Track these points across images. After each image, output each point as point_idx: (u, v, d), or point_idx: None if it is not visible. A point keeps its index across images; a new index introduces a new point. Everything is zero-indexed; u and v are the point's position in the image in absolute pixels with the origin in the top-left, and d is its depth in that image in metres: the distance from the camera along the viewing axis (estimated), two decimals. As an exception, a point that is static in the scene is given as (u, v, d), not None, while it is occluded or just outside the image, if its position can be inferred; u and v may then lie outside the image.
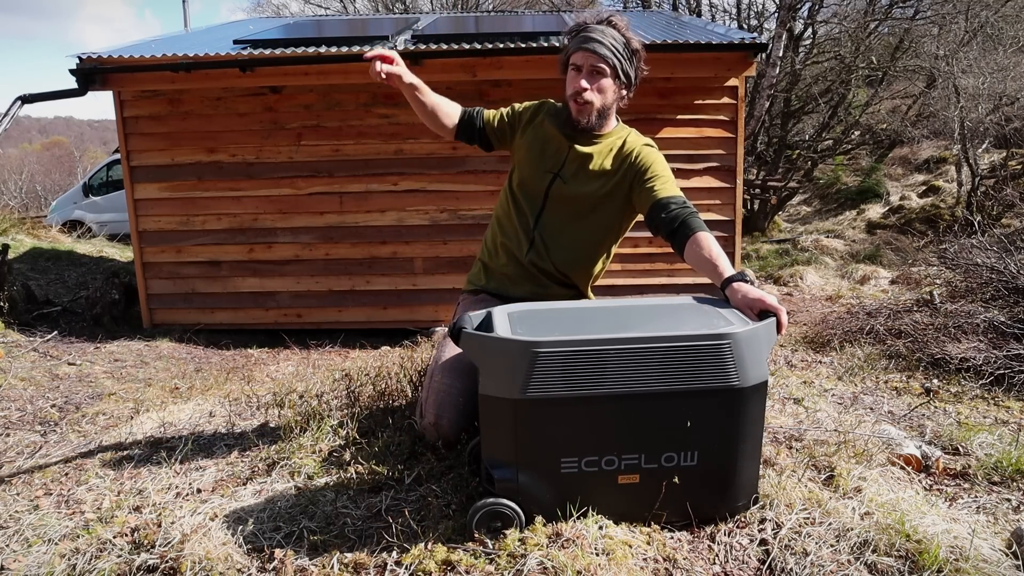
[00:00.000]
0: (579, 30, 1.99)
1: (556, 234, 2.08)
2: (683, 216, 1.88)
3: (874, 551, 1.45)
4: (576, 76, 1.98)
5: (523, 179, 2.12)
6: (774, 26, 11.49)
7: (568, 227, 2.08)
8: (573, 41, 1.99)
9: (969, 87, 9.34)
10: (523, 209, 2.12)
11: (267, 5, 20.39)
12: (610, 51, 1.94)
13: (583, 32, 1.98)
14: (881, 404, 2.92)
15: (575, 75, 1.98)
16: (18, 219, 10.18)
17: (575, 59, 1.98)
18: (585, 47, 1.95)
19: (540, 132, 2.11)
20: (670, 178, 2.02)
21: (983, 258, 4.53)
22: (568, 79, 2.02)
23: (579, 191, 2.05)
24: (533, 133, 2.11)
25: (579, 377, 1.42)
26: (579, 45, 1.96)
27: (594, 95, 1.97)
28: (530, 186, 2.10)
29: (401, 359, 2.88)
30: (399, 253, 5.90)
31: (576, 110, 2.00)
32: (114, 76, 5.48)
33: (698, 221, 1.87)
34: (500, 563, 1.40)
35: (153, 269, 5.96)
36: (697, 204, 5.57)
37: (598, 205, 2.06)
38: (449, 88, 5.64)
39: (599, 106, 1.99)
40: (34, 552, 1.59)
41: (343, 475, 1.89)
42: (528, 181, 2.10)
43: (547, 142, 2.09)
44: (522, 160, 2.12)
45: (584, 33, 1.97)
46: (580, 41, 1.96)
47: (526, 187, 2.11)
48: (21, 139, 39.05)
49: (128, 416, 3.15)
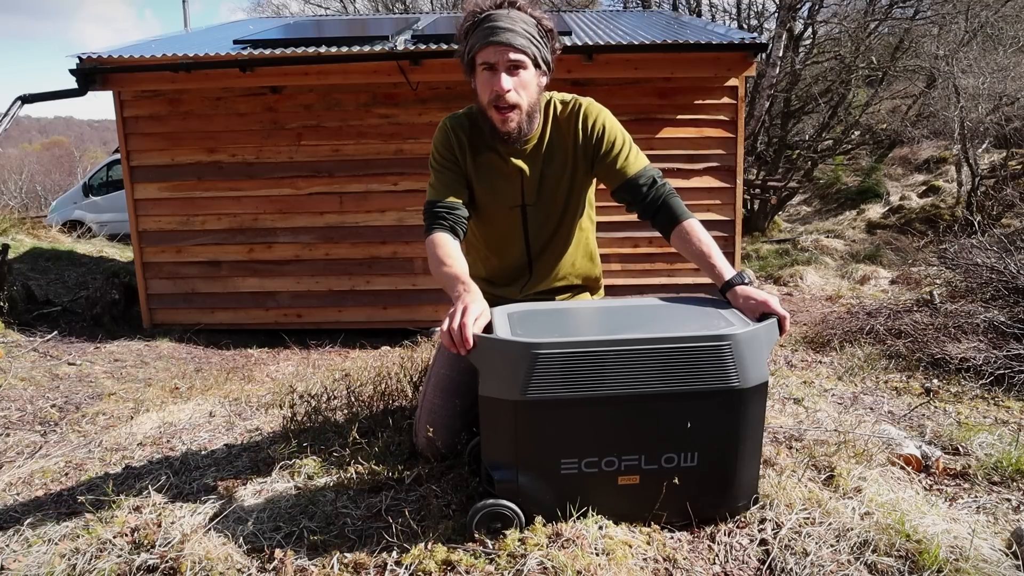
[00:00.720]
0: (479, 22, 1.68)
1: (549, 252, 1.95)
2: (662, 197, 1.76)
3: (874, 551, 1.45)
4: (491, 76, 1.67)
5: (493, 221, 1.90)
6: (774, 26, 11.51)
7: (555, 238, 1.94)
8: (475, 35, 1.68)
9: (969, 87, 9.34)
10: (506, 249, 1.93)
11: (267, 5, 20.41)
12: (525, 38, 1.66)
13: (487, 24, 1.66)
14: (881, 404, 2.92)
15: (489, 76, 1.68)
16: (18, 219, 10.19)
17: (484, 56, 1.67)
18: (495, 40, 1.64)
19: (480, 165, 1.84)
20: (629, 143, 1.82)
21: (983, 258, 4.53)
22: (480, 82, 1.71)
23: (550, 204, 1.88)
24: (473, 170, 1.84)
25: (579, 378, 1.42)
26: (486, 39, 1.65)
27: (518, 95, 1.68)
28: (503, 226, 1.90)
29: (401, 359, 2.88)
30: (399, 253, 5.90)
31: (500, 120, 1.70)
32: (114, 76, 5.49)
33: (679, 203, 1.76)
34: (500, 563, 1.40)
35: (153, 269, 5.96)
36: (697, 204, 5.70)
37: (569, 201, 1.89)
38: (449, 88, 5.65)
39: (527, 107, 1.71)
40: (34, 552, 1.59)
41: (343, 475, 1.89)
42: (499, 221, 1.89)
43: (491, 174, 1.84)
44: (479, 204, 1.88)
45: (489, 24, 1.65)
46: (486, 34, 1.65)
47: (499, 227, 1.90)
48: (21, 139, 39.03)
49: (128, 416, 3.16)
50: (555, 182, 1.86)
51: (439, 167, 1.83)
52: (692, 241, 1.72)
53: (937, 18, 10.97)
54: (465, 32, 1.72)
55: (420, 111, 5.70)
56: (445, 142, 1.83)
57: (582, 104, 1.83)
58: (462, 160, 1.83)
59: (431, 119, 5.69)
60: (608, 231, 5.26)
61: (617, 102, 5.67)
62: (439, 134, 1.85)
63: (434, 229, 1.76)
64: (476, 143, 1.83)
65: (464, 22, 1.72)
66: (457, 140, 1.82)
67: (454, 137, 1.83)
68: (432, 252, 1.72)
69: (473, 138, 1.83)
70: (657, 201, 1.77)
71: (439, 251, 1.70)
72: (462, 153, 1.83)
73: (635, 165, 1.80)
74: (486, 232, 1.94)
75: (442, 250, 1.70)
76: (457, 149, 1.83)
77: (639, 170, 1.80)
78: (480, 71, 1.70)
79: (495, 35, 1.65)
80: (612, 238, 5.53)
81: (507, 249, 1.94)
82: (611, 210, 1.96)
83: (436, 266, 1.70)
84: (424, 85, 5.60)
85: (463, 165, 1.83)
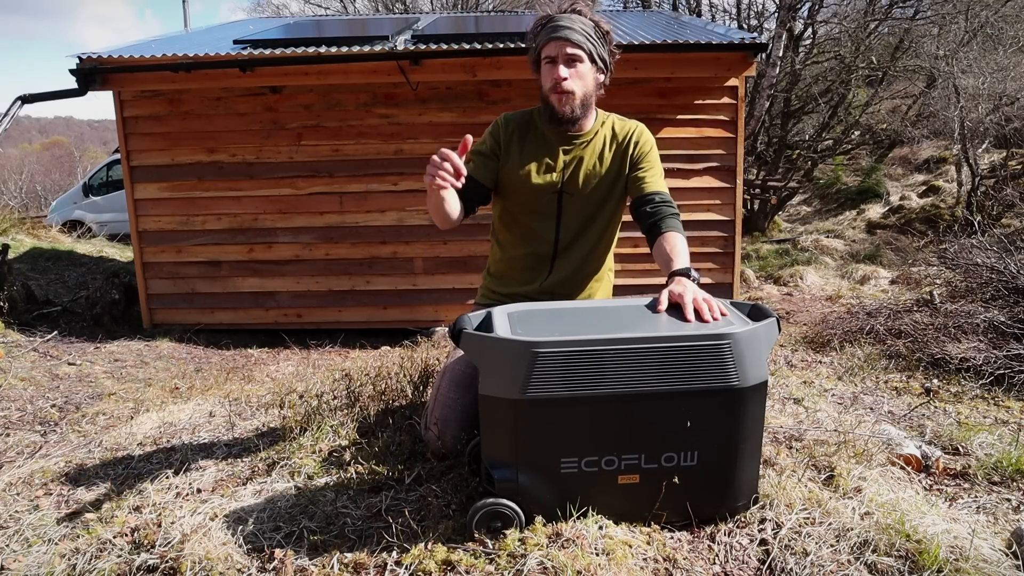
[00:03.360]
0: (544, 23, 1.93)
1: (574, 249, 2.04)
2: (662, 214, 1.92)
3: (874, 551, 1.45)
4: (552, 68, 1.91)
5: (526, 204, 2.02)
6: (774, 26, 11.50)
7: (581, 238, 2.04)
8: (541, 35, 1.93)
9: (969, 87, 9.33)
10: (535, 235, 2.04)
11: (267, 5, 20.38)
12: (582, 35, 1.89)
13: (550, 23, 1.91)
14: (881, 404, 2.92)
15: (550, 67, 1.91)
16: (18, 219, 10.19)
17: (547, 51, 1.91)
18: (556, 36, 1.88)
19: (526, 149, 2.01)
20: (659, 170, 2.03)
21: (983, 258, 4.53)
22: (543, 74, 1.95)
23: (587, 197, 2.01)
24: (518, 153, 2.01)
25: (579, 377, 1.42)
26: (549, 36, 1.90)
27: (574, 83, 1.90)
28: (537, 209, 2.02)
29: (401, 359, 2.88)
30: (399, 253, 5.90)
31: (558, 100, 1.91)
32: (114, 76, 5.49)
33: (674, 221, 1.91)
34: (500, 563, 1.40)
35: (153, 269, 5.96)
36: (697, 204, 5.69)
37: (603, 205, 2.04)
38: (449, 88, 5.65)
39: (581, 95, 1.92)
40: (34, 552, 1.59)
41: (343, 475, 1.89)
42: (534, 204, 2.02)
43: (537, 157, 2.00)
44: (518, 186, 2.01)
45: (552, 24, 1.90)
46: (549, 32, 1.90)
47: (534, 209, 2.02)
48: (21, 139, 39.05)
49: (128, 416, 3.15)
50: (597, 180, 2.01)
51: (475, 150, 2.01)
52: (664, 244, 1.85)
53: (937, 18, 10.96)
54: (534, 34, 1.96)
55: (420, 111, 5.70)
56: (493, 129, 2.05)
57: (639, 126, 2.07)
58: (507, 144, 2.01)
59: (431, 119, 5.69)
60: (608, 231, 5.25)
61: (617, 102, 5.63)
62: (492, 124, 2.06)
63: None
64: (526, 129, 2.03)
65: (533, 27, 1.97)
66: (506, 126, 2.03)
67: (503, 124, 2.04)
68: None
69: (524, 126, 2.03)
70: (657, 215, 1.93)
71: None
72: (508, 137, 2.02)
73: (653, 185, 1.99)
74: (520, 215, 2.05)
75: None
76: (503, 134, 2.02)
77: (657, 189, 1.98)
78: (544, 64, 1.94)
79: (556, 32, 1.89)
80: (612, 238, 5.53)
81: (536, 236, 2.04)
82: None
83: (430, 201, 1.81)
84: (424, 85, 5.60)
85: (508, 148, 2.01)
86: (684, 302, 1.57)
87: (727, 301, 1.65)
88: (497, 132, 2.03)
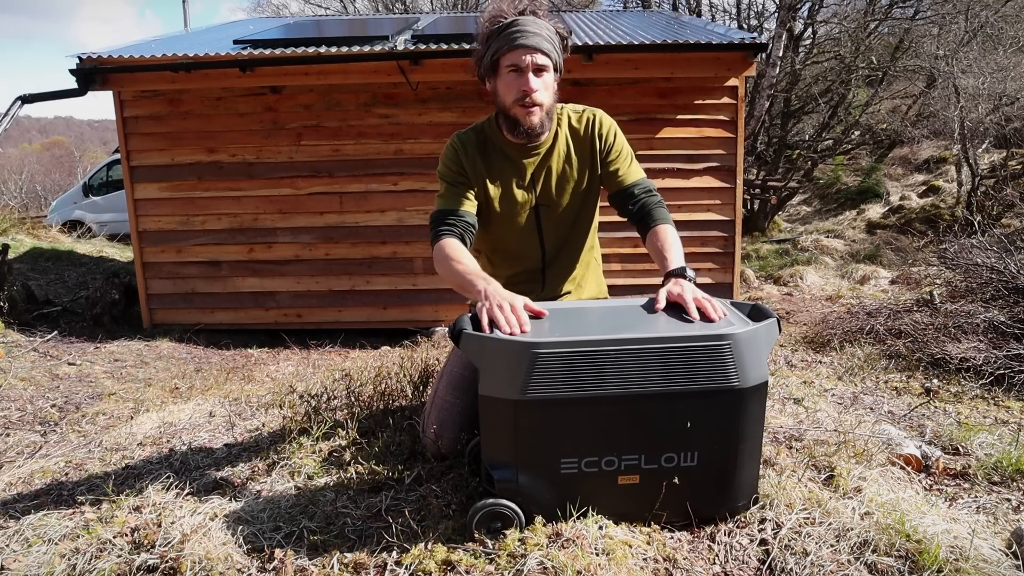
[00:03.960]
0: (505, 27, 1.77)
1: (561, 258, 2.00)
2: (648, 206, 1.88)
3: (874, 551, 1.45)
4: (518, 78, 1.77)
5: (505, 227, 1.94)
6: (774, 26, 11.50)
7: (567, 246, 2.00)
8: (500, 39, 1.77)
9: (969, 87, 9.33)
10: (520, 254, 1.98)
11: (267, 5, 20.38)
12: (549, 43, 1.77)
13: (513, 28, 1.75)
14: (881, 404, 2.92)
15: (515, 77, 1.77)
16: (18, 219, 10.19)
17: (510, 59, 1.76)
18: (523, 43, 1.74)
19: (492, 172, 1.89)
20: (629, 154, 1.95)
21: (983, 258, 4.53)
22: (504, 83, 1.80)
23: (564, 205, 1.94)
24: (485, 176, 1.89)
25: (579, 378, 1.42)
26: (513, 43, 1.75)
27: (543, 94, 1.78)
28: (518, 230, 1.94)
29: (401, 359, 2.88)
30: (399, 253, 5.90)
31: (525, 114, 1.79)
32: (114, 76, 5.49)
33: (661, 211, 1.87)
34: (500, 563, 1.40)
35: (153, 269, 5.96)
36: (697, 204, 5.70)
37: (582, 207, 1.97)
38: (449, 88, 5.65)
39: (548, 105, 1.81)
40: (34, 552, 1.59)
41: (343, 475, 1.89)
42: (514, 225, 1.93)
43: (503, 177, 1.90)
44: (493, 211, 1.92)
45: (516, 29, 1.75)
46: (513, 38, 1.75)
47: (515, 231, 1.94)
48: (21, 139, 39.04)
49: (128, 416, 3.16)
50: (570, 184, 1.93)
51: (448, 180, 1.89)
52: (656, 239, 1.81)
53: (937, 18, 10.96)
54: (487, 36, 1.81)
55: (420, 111, 5.70)
56: (453, 156, 1.90)
57: (596, 113, 1.95)
58: (472, 170, 1.88)
59: (431, 119, 5.69)
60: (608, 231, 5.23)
61: (617, 102, 5.69)
62: (447, 150, 1.92)
63: (442, 235, 1.81)
64: (486, 151, 1.91)
65: (487, 26, 1.80)
66: (465, 152, 1.89)
67: (462, 149, 1.89)
68: (442, 254, 1.76)
69: (482, 147, 1.91)
70: (646, 207, 1.88)
71: (449, 251, 1.75)
72: (472, 163, 1.89)
73: (633, 175, 1.93)
74: (501, 239, 1.98)
75: (452, 251, 1.75)
76: (466, 161, 1.88)
77: (636, 180, 1.92)
78: (505, 72, 1.79)
79: (523, 39, 1.75)
80: (612, 238, 5.52)
81: (521, 255, 1.99)
82: (611, 210, 1.98)
83: (448, 264, 1.74)
84: (424, 85, 5.60)
85: (475, 175, 1.89)
86: (685, 301, 1.57)
87: (727, 301, 1.65)
88: (459, 159, 1.89)
